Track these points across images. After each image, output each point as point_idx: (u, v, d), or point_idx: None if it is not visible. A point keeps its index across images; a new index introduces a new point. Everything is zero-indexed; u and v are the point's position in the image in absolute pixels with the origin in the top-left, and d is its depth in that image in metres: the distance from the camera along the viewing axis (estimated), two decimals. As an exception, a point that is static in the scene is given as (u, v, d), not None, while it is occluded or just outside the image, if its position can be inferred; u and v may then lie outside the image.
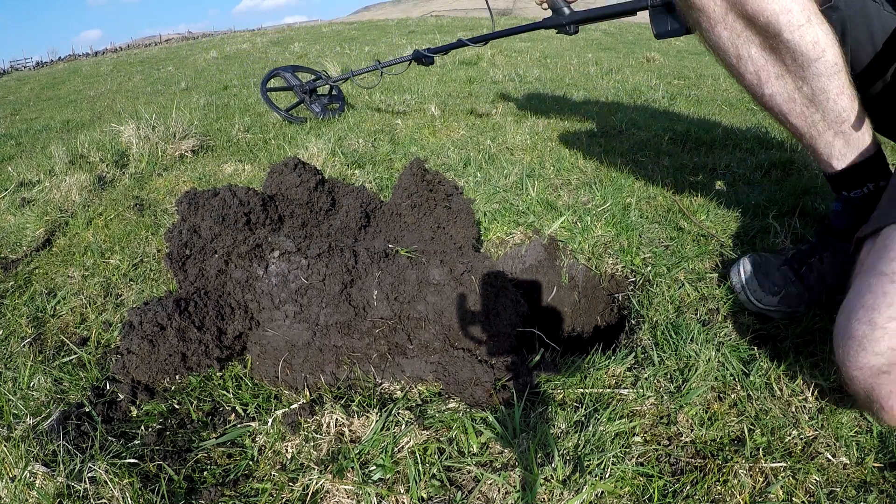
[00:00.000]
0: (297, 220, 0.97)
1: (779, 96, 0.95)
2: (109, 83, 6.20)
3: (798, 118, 0.96)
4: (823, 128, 0.94)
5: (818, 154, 0.98)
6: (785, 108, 0.96)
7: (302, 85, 2.54)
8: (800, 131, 0.97)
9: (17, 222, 1.53)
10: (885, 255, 0.63)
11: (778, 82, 0.94)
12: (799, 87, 0.92)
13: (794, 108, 0.95)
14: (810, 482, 0.64)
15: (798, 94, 0.93)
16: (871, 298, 0.60)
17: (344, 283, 0.82)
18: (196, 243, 0.87)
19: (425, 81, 3.62)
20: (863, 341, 0.60)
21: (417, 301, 0.81)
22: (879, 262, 0.63)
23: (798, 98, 0.94)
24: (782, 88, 0.94)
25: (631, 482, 0.64)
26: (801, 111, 0.94)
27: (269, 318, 0.84)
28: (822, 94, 0.90)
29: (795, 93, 0.93)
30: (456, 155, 1.86)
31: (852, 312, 0.62)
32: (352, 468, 0.67)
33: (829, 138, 0.94)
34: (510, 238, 1.28)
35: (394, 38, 7.71)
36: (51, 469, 0.66)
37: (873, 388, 0.60)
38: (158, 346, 0.80)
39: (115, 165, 2.01)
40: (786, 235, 1.15)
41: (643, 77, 3.55)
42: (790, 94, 0.94)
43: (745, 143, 1.89)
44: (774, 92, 0.95)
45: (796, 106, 0.95)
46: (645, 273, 1.09)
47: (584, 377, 0.82)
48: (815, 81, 0.90)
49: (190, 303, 0.83)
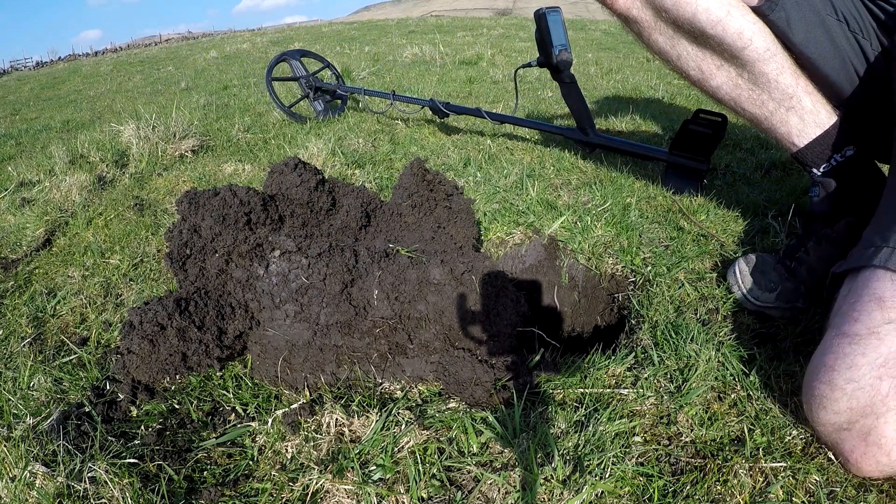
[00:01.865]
0: (297, 220, 0.97)
1: (725, 86, 1.01)
2: (109, 83, 6.20)
3: (748, 103, 1.01)
4: (774, 106, 0.98)
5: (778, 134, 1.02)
6: (734, 95, 1.01)
7: (308, 78, 2.51)
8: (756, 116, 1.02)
9: (17, 222, 1.53)
10: (850, 314, 0.66)
11: (720, 73, 1.00)
12: (739, 73, 0.98)
13: (741, 94, 1.00)
14: (810, 482, 0.64)
15: (741, 79, 0.98)
16: (833, 359, 0.63)
17: (344, 283, 0.82)
18: (196, 243, 0.87)
19: (425, 81, 3.62)
20: (823, 401, 0.63)
21: (418, 301, 0.81)
22: (844, 322, 0.66)
23: (742, 84, 0.99)
24: (726, 78, 1.00)
25: (631, 482, 0.64)
26: (749, 95, 0.99)
27: (269, 318, 0.84)
28: (762, 76, 0.95)
29: (738, 79, 0.99)
30: (456, 155, 1.86)
31: (815, 371, 0.65)
32: (352, 468, 0.67)
33: (782, 115, 0.99)
34: (510, 238, 1.28)
35: (394, 38, 7.71)
36: (51, 469, 0.66)
37: (837, 443, 0.64)
38: (159, 346, 0.80)
39: (115, 165, 2.01)
40: (785, 235, 1.15)
41: (643, 77, 3.55)
42: (734, 82, 1.00)
43: (745, 143, 1.89)
44: (720, 83, 1.01)
45: (743, 91, 1.00)
46: (645, 273, 1.09)
47: (584, 377, 0.82)
48: (752, 67, 0.95)
49: (190, 302, 0.83)
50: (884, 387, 0.59)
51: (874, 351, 0.60)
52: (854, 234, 0.88)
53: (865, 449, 0.61)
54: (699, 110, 1.41)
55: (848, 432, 0.61)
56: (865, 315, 0.63)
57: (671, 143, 1.46)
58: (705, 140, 1.40)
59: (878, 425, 0.59)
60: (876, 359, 0.60)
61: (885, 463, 0.60)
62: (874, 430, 0.60)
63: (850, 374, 0.61)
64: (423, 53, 5.35)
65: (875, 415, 0.59)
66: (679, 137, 1.43)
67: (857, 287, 0.68)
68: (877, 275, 0.66)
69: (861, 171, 0.97)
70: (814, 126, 0.96)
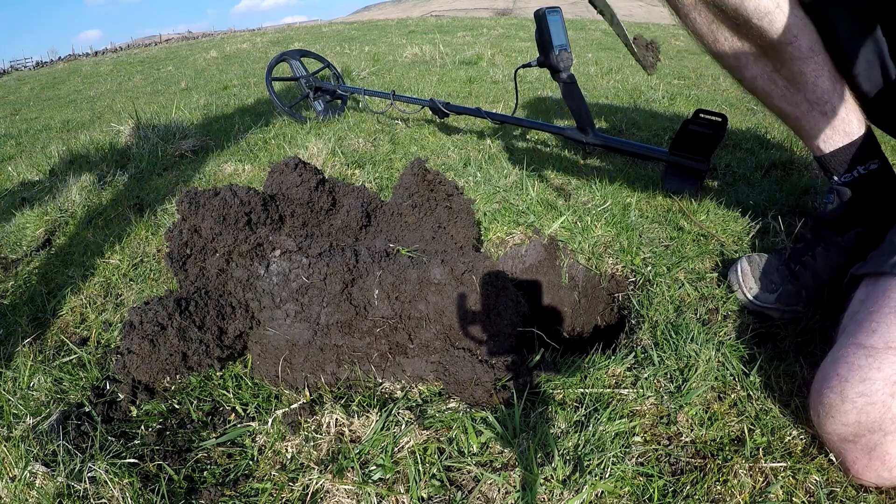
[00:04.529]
0: (297, 220, 0.97)
1: (759, 78, 0.97)
2: (109, 83, 6.20)
3: (781, 100, 0.97)
4: (807, 108, 0.95)
5: (806, 134, 0.99)
6: (768, 89, 0.98)
7: (308, 78, 2.51)
8: (784, 112, 0.99)
9: (17, 222, 1.53)
10: (868, 323, 0.64)
11: (756, 65, 0.96)
12: (777, 68, 0.94)
13: (775, 90, 0.97)
14: (810, 482, 0.64)
15: (777, 75, 0.95)
16: (846, 369, 0.62)
17: (345, 283, 0.82)
18: (196, 243, 0.87)
19: (425, 81, 3.62)
20: (832, 410, 0.62)
21: (418, 300, 0.81)
22: (860, 331, 0.64)
23: (778, 80, 0.96)
24: (762, 70, 0.96)
25: (631, 482, 0.64)
26: (784, 93, 0.96)
27: (269, 318, 0.84)
28: (801, 75, 0.92)
29: (775, 74, 0.95)
30: (456, 155, 1.86)
31: (826, 379, 0.64)
32: (352, 468, 0.67)
33: (814, 118, 0.96)
34: (510, 238, 1.28)
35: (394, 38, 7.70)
36: (51, 469, 0.66)
37: (841, 453, 0.63)
38: (159, 346, 0.80)
39: (115, 165, 2.01)
40: (786, 235, 1.15)
41: (643, 77, 3.55)
42: (770, 76, 0.96)
43: (745, 143, 1.89)
44: (755, 74, 0.97)
45: (778, 88, 0.96)
46: (645, 273, 1.09)
47: (584, 377, 0.82)
48: (792, 64, 0.91)
49: (191, 302, 0.83)
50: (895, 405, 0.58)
51: (890, 367, 0.59)
52: (863, 245, 0.87)
53: (868, 462, 0.60)
54: (699, 110, 1.41)
55: (853, 444, 0.61)
56: (884, 327, 0.62)
57: (671, 143, 1.46)
58: (705, 140, 1.40)
59: (885, 442, 0.59)
60: (891, 375, 0.58)
61: (887, 477, 0.60)
62: (880, 447, 0.59)
63: (863, 388, 0.59)
64: (423, 53, 5.35)
65: (883, 432, 0.58)
66: (679, 137, 1.43)
67: (876, 294, 0.66)
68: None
69: (880, 185, 0.96)
70: (842, 135, 0.94)
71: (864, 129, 0.95)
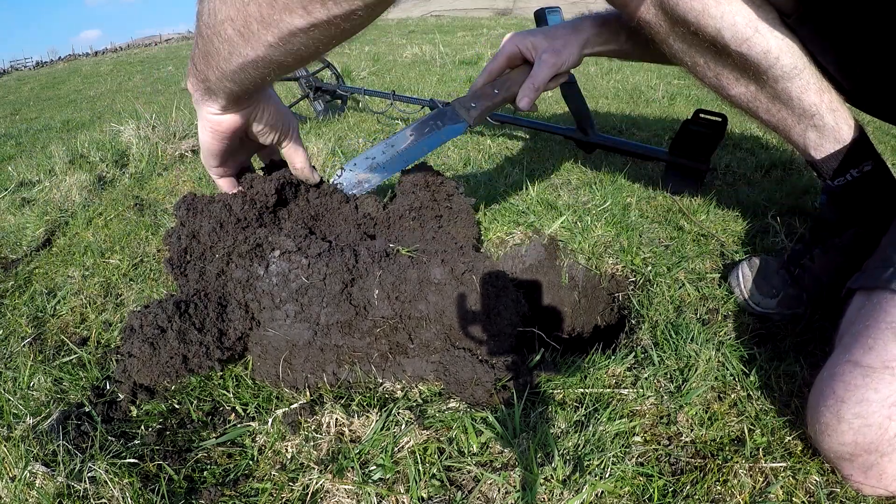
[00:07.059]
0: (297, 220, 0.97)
1: (742, 97, 0.96)
2: (109, 83, 6.20)
3: (766, 114, 0.96)
4: (793, 122, 0.95)
5: (795, 144, 0.98)
6: (752, 107, 0.97)
7: (308, 77, 2.51)
8: (772, 124, 0.98)
9: (17, 222, 1.53)
10: (863, 340, 0.63)
11: (738, 85, 0.95)
12: (760, 88, 0.93)
13: (760, 106, 0.96)
14: (810, 482, 0.64)
15: (761, 94, 0.94)
16: (842, 389, 0.61)
17: (345, 283, 0.82)
18: (196, 249, 0.87)
19: (425, 81, 3.62)
20: (828, 429, 0.61)
21: (418, 300, 0.81)
22: (856, 346, 0.63)
23: (762, 98, 0.94)
24: (744, 90, 0.95)
25: (631, 482, 0.64)
26: (768, 108, 0.95)
27: (269, 318, 0.83)
28: (785, 93, 0.91)
29: (758, 93, 0.94)
30: (456, 154, 1.86)
31: (822, 396, 0.63)
32: (352, 468, 0.67)
33: (801, 131, 0.95)
34: (510, 238, 1.28)
35: (394, 38, 7.70)
36: (51, 469, 0.66)
37: (837, 468, 0.63)
38: (159, 349, 0.79)
39: (115, 165, 2.01)
40: (786, 235, 1.15)
41: (643, 77, 3.55)
42: (753, 95, 0.95)
43: (745, 143, 1.89)
44: (738, 93, 0.96)
45: (762, 105, 0.95)
46: (645, 273, 1.09)
47: (584, 377, 0.82)
48: (775, 84, 0.90)
49: (190, 304, 0.83)
50: (893, 427, 0.57)
51: (887, 387, 0.58)
52: (860, 244, 0.87)
53: (865, 479, 0.60)
54: (699, 110, 1.41)
55: (849, 462, 0.61)
56: (881, 345, 0.61)
57: (671, 143, 1.46)
58: (705, 140, 1.40)
59: (882, 462, 0.58)
60: (888, 397, 0.58)
61: (883, 493, 0.60)
62: (876, 467, 0.59)
63: (859, 410, 0.59)
64: (423, 53, 5.35)
65: (879, 453, 0.58)
66: (679, 138, 1.43)
67: (871, 309, 0.65)
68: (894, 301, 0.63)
69: (875, 185, 0.95)
70: (833, 141, 0.94)
71: (856, 132, 0.94)
